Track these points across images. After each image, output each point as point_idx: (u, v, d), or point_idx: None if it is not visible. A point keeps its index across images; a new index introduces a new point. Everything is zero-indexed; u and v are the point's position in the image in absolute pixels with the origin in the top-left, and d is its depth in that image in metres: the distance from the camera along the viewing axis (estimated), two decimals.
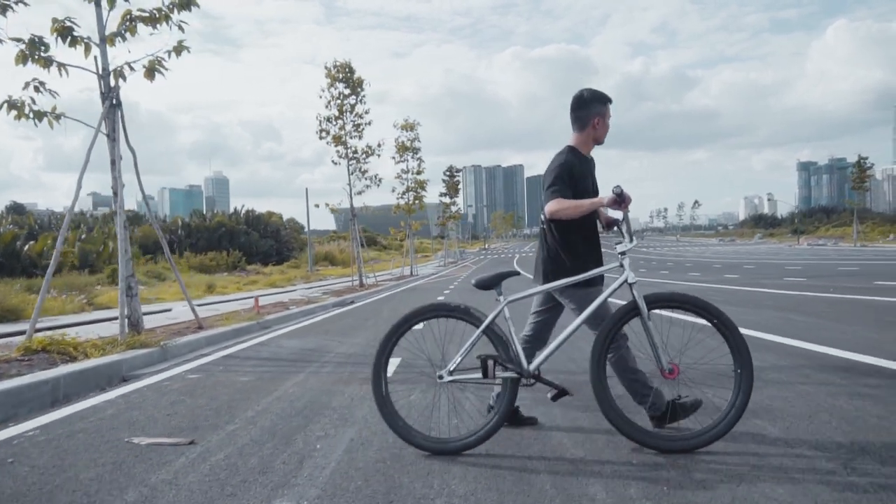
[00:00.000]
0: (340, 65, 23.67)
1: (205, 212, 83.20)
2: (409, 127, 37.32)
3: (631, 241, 3.07)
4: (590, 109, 3.32)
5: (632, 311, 2.97)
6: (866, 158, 58.09)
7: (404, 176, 37.03)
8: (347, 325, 9.53)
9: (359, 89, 23.81)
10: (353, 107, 23.65)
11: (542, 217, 3.35)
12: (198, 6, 7.62)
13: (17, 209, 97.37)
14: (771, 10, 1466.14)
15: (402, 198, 37.07)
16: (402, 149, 37.14)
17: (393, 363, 3.17)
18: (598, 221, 3.39)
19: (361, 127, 23.83)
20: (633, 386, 3.18)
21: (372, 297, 17.20)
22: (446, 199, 60.68)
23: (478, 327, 3.04)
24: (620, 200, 2.96)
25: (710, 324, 2.93)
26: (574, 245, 3.27)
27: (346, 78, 23.57)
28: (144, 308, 13.79)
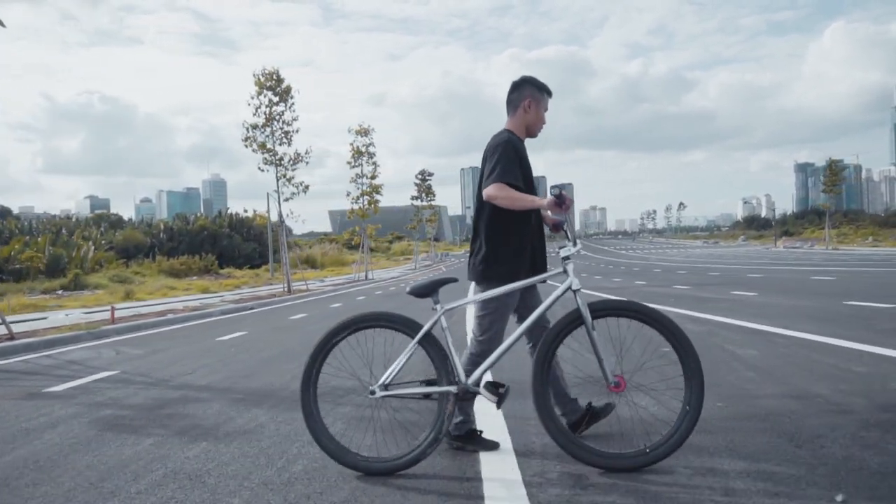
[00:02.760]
0: (269, 73, 23.77)
1: (202, 214, 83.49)
2: (363, 132, 37.49)
3: (575, 245, 2.90)
4: (522, 91, 3.15)
5: (576, 319, 2.79)
6: (837, 162, 58.08)
7: (359, 181, 37.21)
8: (165, 339, 9.55)
9: (287, 97, 23.93)
10: (281, 114, 23.77)
11: (476, 204, 3.14)
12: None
13: (2, 213, 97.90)
14: (767, 13, 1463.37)
15: (356, 202, 37.23)
16: (357, 153, 37.32)
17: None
18: (544, 224, 3.22)
19: (290, 134, 23.97)
20: (554, 389, 3.02)
21: (277, 305, 17.25)
22: (418, 203, 60.91)
23: (413, 338, 2.87)
24: (560, 202, 2.80)
25: (658, 333, 2.75)
26: (513, 243, 3.04)
27: (273, 86, 23.69)
28: (25, 316, 13.94)
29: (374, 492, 2.58)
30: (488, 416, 3.39)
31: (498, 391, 2.78)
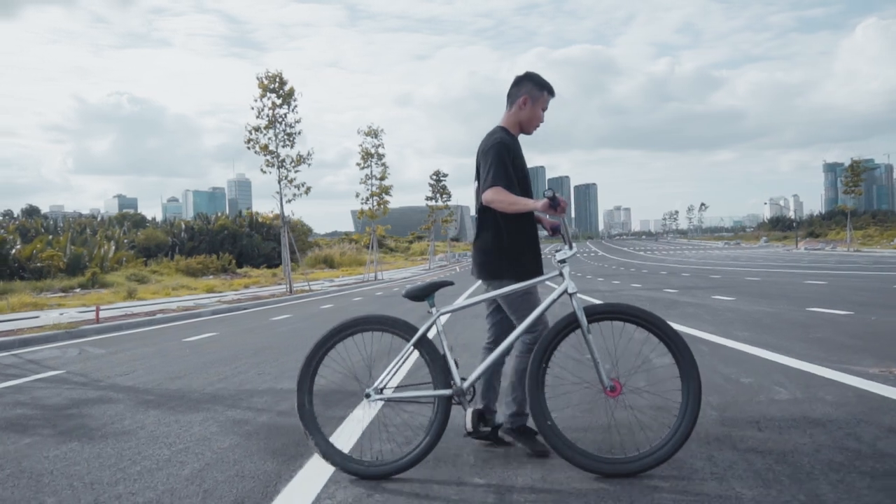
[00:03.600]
0: (272, 76, 24.12)
1: (223, 214, 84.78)
2: (373, 133, 37.78)
3: (570, 248, 2.91)
4: (520, 88, 3.14)
5: (571, 323, 2.79)
6: (860, 162, 56.93)
7: (368, 182, 37.51)
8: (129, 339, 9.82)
9: (290, 99, 24.26)
10: (284, 117, 24.12)
11: (478, 205, 3.14)
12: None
13: (31, 212, 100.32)
14: (797, 9, 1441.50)
15: (365, 203, 37.52)
16: (367, 155, 37.62)
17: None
18: (540, 226, 3.25)
19: (293, 136, 24.30)
20: (517, 392, 3.02)
21: (271, 306, 17.53)
22: (433, 203, 61.06)
23: (408, 341, 2.87)
24: (555, 205, 2.80)
25: (656, 337, 2.75)
26: (512, 241, 3.05)
27: (277, 89, 24.03)
28: (19, 315, 14.37)
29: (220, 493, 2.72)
30: None
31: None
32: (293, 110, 24.29)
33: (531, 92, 3.12)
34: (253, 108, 23.87)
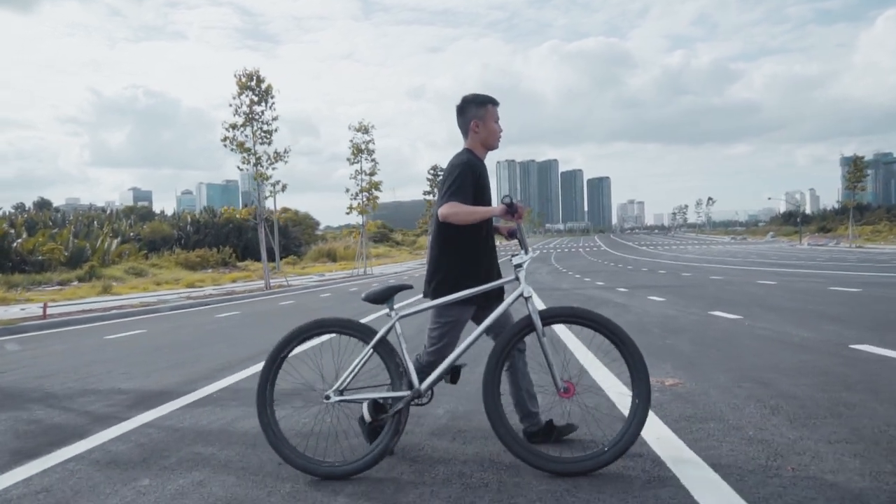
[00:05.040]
0: (249, 73, 24.44)
1: (229, 207, 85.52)
2: (363, 129, 38.05)
3: (527, 252, 2.96)
4: (466, 115, 3.20)
5: (527, 326, 2.87)
6: (863, 157, 56.37)
7: (358, 178, 37.81)
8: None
9: (268, 97, 24.59)
10: (261, 114, 24.45)
11: (432, 226, 3.20)
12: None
13: (42, 205, 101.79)
14: (815, 1, 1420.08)
15: (355, 199, 37.84)
16: (357, 151, 37.91)
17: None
18: (495, 232, 3.31)
19: (270, 134, 24.63)
20: (520, 400, 3.13)
21: (237, 301, 17.89)
22: (430, 198, 61.26)
23: (367, 343, 2.93)
24: (512, 211, 2.88)
25: (607, 339, 2.85)
26: (466, 254, 3.12)
27: (254, 86, 24.34)
28: None
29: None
30: None
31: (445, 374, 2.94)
32: (270, 108, 24.63)
33: (476, 113, 3.19)
34: (231, 106, 24.23)
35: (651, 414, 3.17)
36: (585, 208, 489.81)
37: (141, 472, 3.06)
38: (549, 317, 2.90)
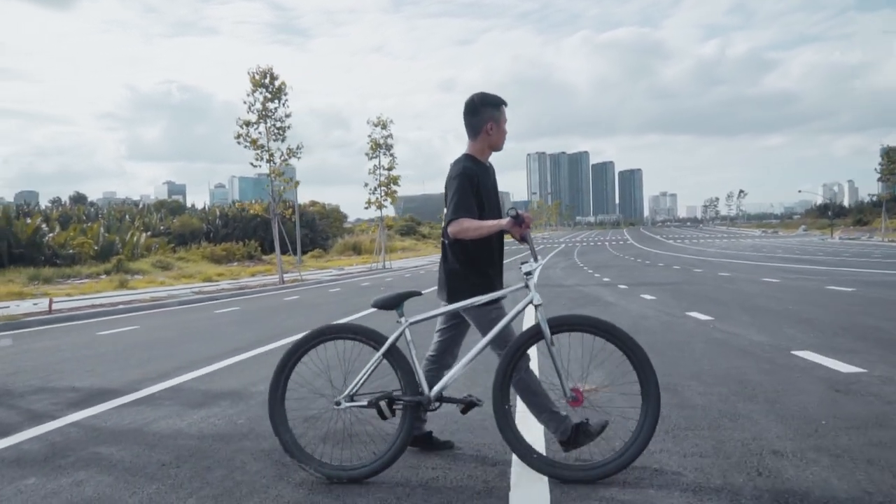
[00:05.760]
0: (263, 71, 24.80)
1: (258, 200, 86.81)
2: (382, 124, 38.29)
3: (536, 260, 2.97)
4: (482, 115, 3.14)
5: (536, 334, 2.87)
6: None
7: (376, 172, 38.08)
8: None
9: (281, 94, 24.93)
10: (274, 111, 24.81)
11: (443, 231, 3.22)
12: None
13: (78, 199, 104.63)
14: None
15: (373, 193, 38.14)
16: (376, 146, 38.18)
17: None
18: (513, 236, 3.20)
19: (284, 131, 25.00)
20: (537, 408, 3.06)
21: (245, 297, 18.28)
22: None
23: (378, 350, 2.96)
24: (519, 222, 2.89)
25: (616, 348, 2.84)
26: (478, 262, 3.12)
27: (268, 84, 24.70)
28: None
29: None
30: None
31: (461, 398, 2.98)
32: (284, 105, 24.97)
33: (492, 115, 3.14)
34: (245, 103, 24.62)
35: (535, 422, 3.25)
36: (617, 201, 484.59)
37: (33, 472, 3.25)
38: (558, 325, 2.89)
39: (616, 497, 2.61)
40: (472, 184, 3.05)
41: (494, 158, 3.33)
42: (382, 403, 2.91)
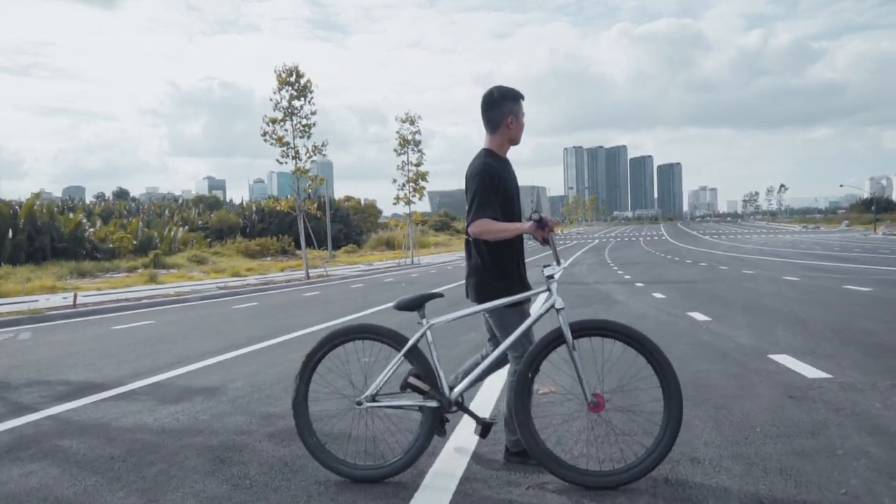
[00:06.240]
0: (288, 69, 25.17)
1: (292, 196, 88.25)
2: (410, 120, 38.49)
3: (559, 263, 2.96)
4: (501, 109, 3.13)
5: (557, 339, 2.84)
6: None
7: (405, 168, 38.33)
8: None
9: (307, 92, 25.28)
10: (300, 109, 25.17)
11: (467, 230, 3.20)
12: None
13: (120, 194, 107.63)
14: None
15: (401, 189, 38.40)
16: (404, 142, 38.41)
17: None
18: (534, 237, 3.18)
19: (309, 128, 25.35)
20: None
21: (268, 292, 18.66)
22: None
23: (399, 351, 2.97)
24: (542, 226, 2.89)
25: (639, 354, 2.82)
26: (500, 262, 3.10)
27: (293, 82, 25.06)
28: (20, 299, 16.05)
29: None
30: None
31: (480, 417, 2.98)
32: (309, 102, 25.32)
33: (512, 108, 3.14)
34: (271, 101, 25.03)
35: (465, 422, 3.34)
36: (655, 195, 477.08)
37: None
38: (580, 329, 2.86)
39: (516, 500, 2.67)
40: (494, 180, 3.04)
41: (532, 151, 3.32)
42: (411, 380, 2.92)
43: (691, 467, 2.95)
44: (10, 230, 37.66)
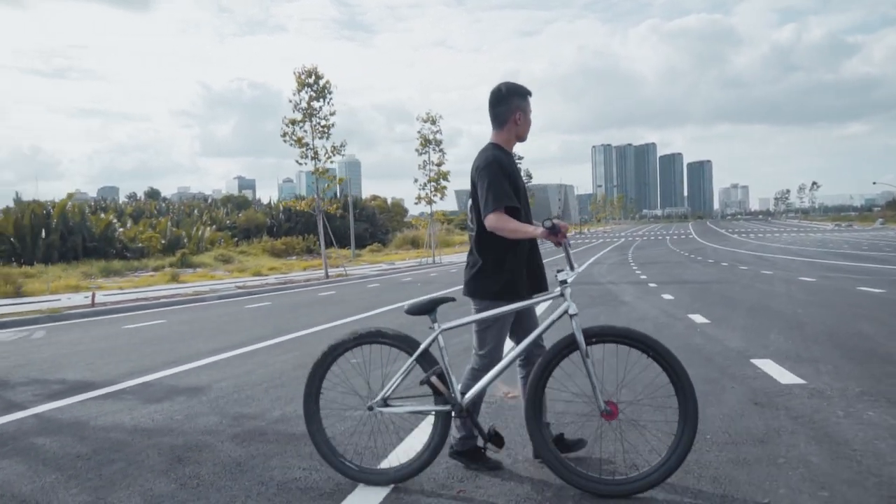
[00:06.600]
0: (308, 71, 25.46)
1: (338, 195, 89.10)
2: (431, 120, 38.60)
3: (572, 269, 2.92)
4: (509, 105, 3.12)
5: (570, 345, 2.81)
6: None
7: (426, 168, 38.46)
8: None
9: (326, 93, 25.55)
10: (319, 110, 25.45)
11: (470, 224, 3.17)
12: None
13: (152, 194, 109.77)
14: None
15: (422, 189, 38.54)
16: (425, 142, 38.53)
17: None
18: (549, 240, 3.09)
19: (328, 129, 25.62)
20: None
21: (285, 291, 18.93)
22: None
23: (411, 355, 2.96)
24: (555, 232, 2.85)
25: (654, 362, 2.77)
26: (503, 262, 3.06)
27: (312, 83, 25.35)
28: (41, 298, 16.53)
29: None
30: None
31: (485, 432, 2.94)
32: (328, 103, 25.59)
33: (520, 104, 3.14)
34: (290, 102, 25.35)
35: (426, 426, 3.39)
36: (685, 193, 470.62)
37: None
38: (594, 335, 2.81)
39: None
40: (505, 172, 3.02)
41: (560, 149, 3.30)
42: (434, 379, 2.90)
43: (629, 473, 2.96)
44: (44, 230, 38.75)
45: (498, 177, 2.98)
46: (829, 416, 3.76)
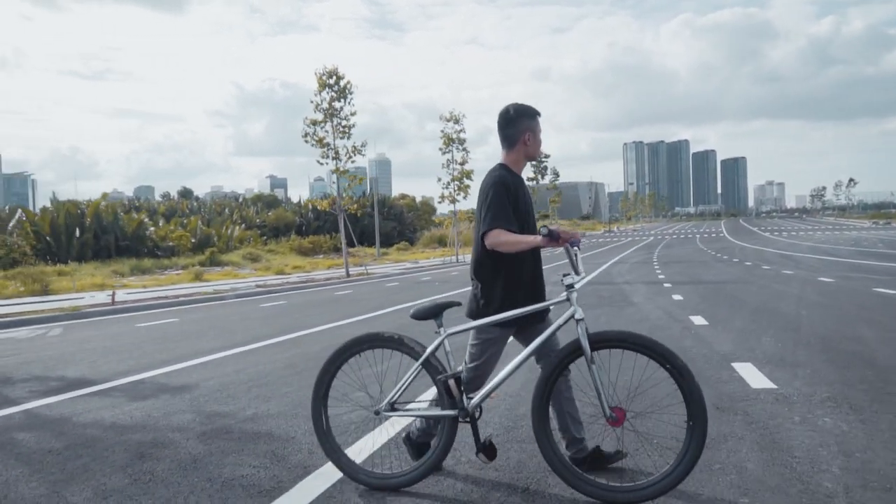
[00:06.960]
0: (329, 71, 25.73)
1: (367, 194, 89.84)
2: (454, 119, 38.67)
3: (578, 274, 2.90)
4: (518, 126, 3.14)
5: (575, 350, 2.80)
6: None
7: (450, 167, 38.56)
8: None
9: (347, 94, 25.81)
10: (340, 110, 25.72)
11: (477, 242, 3.13)
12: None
13: (185, 193, 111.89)
14: None
15: (446, 188, 38.63)
16: (449, 141, 38.62)
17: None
18: (538, 254, 3.16)
19: (349, 129, 25.88)
20: (563, 419, 3.09)
21: (303, 290, 19.20)
22: (533, 185, 60.96)
23: (417, 360, 2.97)
24: (554, 238, 2.81)
25: (661, 367, 2.75)
26: (501, 277, 3.08)
27: (333, 84, 25.62)
28: (64, 296, 17.02)
29: None
30: None
31: (481, 441, 2.93)
32: (349, 103, 25.85)
33: (529, 125, 3.15)
34: (311, 102, 25.66)
35: (387, 425, 3.50)
36: (719, 191, 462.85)
37: None
38: (599, 341, 2.79)
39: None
40: (509, 192, 3.04)
41: (590, 147, 3.35)
42: (451, 382, 2.92)
43: (546, 479, 3.02)
44: (78, 229, 39.86)
45: (500, 197, 3.01)
46: (784, 421, 3.75)
